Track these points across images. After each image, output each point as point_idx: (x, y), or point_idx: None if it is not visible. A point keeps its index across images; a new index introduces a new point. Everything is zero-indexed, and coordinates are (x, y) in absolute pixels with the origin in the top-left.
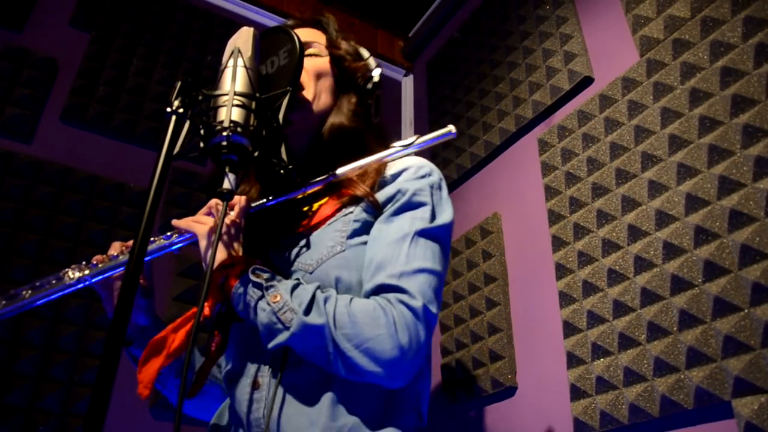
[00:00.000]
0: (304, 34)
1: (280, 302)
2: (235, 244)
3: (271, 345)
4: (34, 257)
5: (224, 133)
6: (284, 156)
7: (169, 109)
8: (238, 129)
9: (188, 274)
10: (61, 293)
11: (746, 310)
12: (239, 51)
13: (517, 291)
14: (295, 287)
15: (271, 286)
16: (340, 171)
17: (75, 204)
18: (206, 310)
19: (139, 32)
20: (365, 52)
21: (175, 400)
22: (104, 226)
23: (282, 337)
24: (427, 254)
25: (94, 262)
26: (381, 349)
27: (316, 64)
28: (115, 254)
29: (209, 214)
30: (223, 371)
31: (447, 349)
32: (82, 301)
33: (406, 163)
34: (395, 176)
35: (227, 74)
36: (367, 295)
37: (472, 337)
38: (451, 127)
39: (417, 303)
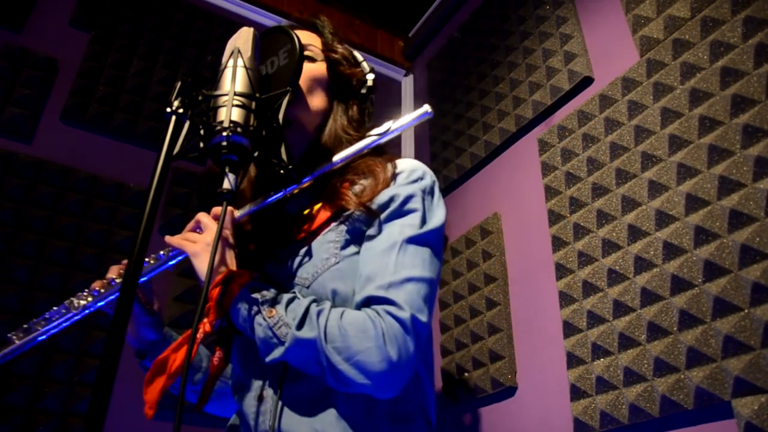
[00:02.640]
0: (300, 36)
1: (275, 317)
2: (228, 257)
3: (268, 359)
4: (34, 257)
5: (224, 133)
6: (284, 156)
7: (169, 109)
8: (238, 129)
9: (188, 275)
10: (71, 321)
11: (746, 310)
12: (239, 51)
13: (517, 291)
14: (290, 301)
15: (267, 301)
16: (321, 171)
17: (75, 204)
18: (207, 327)
19: (139, 32)
20: (359, 56)
21: (194, 398)
22: (104, 226)
23: (278, 352)
24: (415, 262)
25: (96, 289)
26: (370, 361)
27: (311, 68)
28: (113, 278)
29: (195, 229)
30: (230, 382)
31: (447, 349)
32: None
33: (399, 167)
34: None
35: (227, 74)
36: (358, 307)
37: (472, 337)
38: (427, 107)
39: (404, 314)
